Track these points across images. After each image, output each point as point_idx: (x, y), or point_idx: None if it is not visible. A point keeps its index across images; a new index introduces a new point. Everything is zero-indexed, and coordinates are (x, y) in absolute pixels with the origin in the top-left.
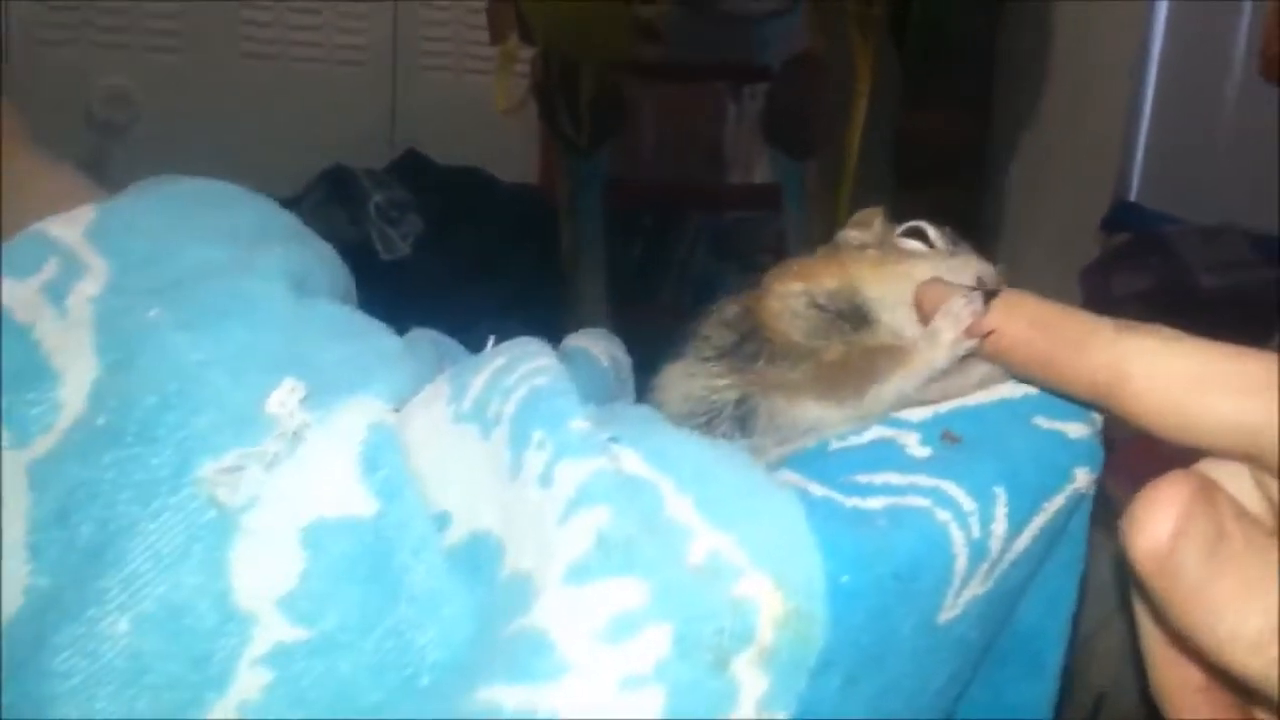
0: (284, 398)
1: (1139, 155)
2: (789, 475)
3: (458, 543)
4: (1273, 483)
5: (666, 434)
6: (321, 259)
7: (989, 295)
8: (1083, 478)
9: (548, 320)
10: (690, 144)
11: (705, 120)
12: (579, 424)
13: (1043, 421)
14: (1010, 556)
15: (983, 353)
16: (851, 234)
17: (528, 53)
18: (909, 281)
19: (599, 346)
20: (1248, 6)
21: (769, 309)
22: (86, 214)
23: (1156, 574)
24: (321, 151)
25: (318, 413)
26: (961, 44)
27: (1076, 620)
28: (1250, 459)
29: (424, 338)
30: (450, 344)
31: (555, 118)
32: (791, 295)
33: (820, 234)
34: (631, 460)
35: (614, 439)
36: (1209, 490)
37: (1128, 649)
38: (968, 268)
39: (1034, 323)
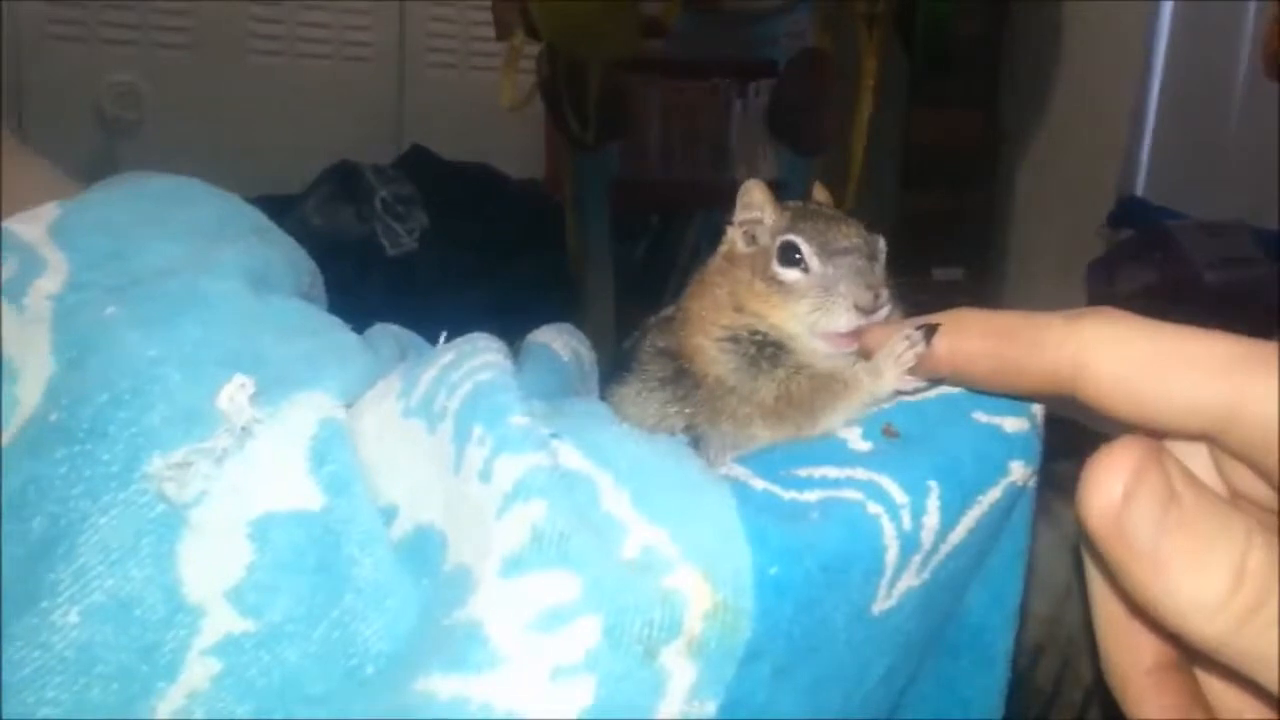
0: (234, 393)
1: (1145, 152)
2: (735, 468)
3: (404, 535)
4: (1231, 464)
5: (607, 430)
6: (284, 254)
7: (930, 330)
8: (1018, 471)
9: (554, 315)
10: (696, 140)
11: (710, 116)
12: (518, 420)
13: (981, 416)
14: (945, 549)
15: (944, 376)
16: (737, 238)
17: (534, 49)
18: (798, 311)
19: (560, 341)
20: (1252, 6)
21: (692, 347)
22: (51, 211)
23: (1110, 537)
24: (329, 147)
25: (268, 408)
26: (968, 43)
27: (1023, 611)
28: (1209, 439)
29: (386, 333)
30: (412, 338)
31: (561, 114)
32: (709, 337)
33: None
34: (571, 455)
35: (555, 435)
36: (1158, 453)
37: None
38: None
39: (985, 334)
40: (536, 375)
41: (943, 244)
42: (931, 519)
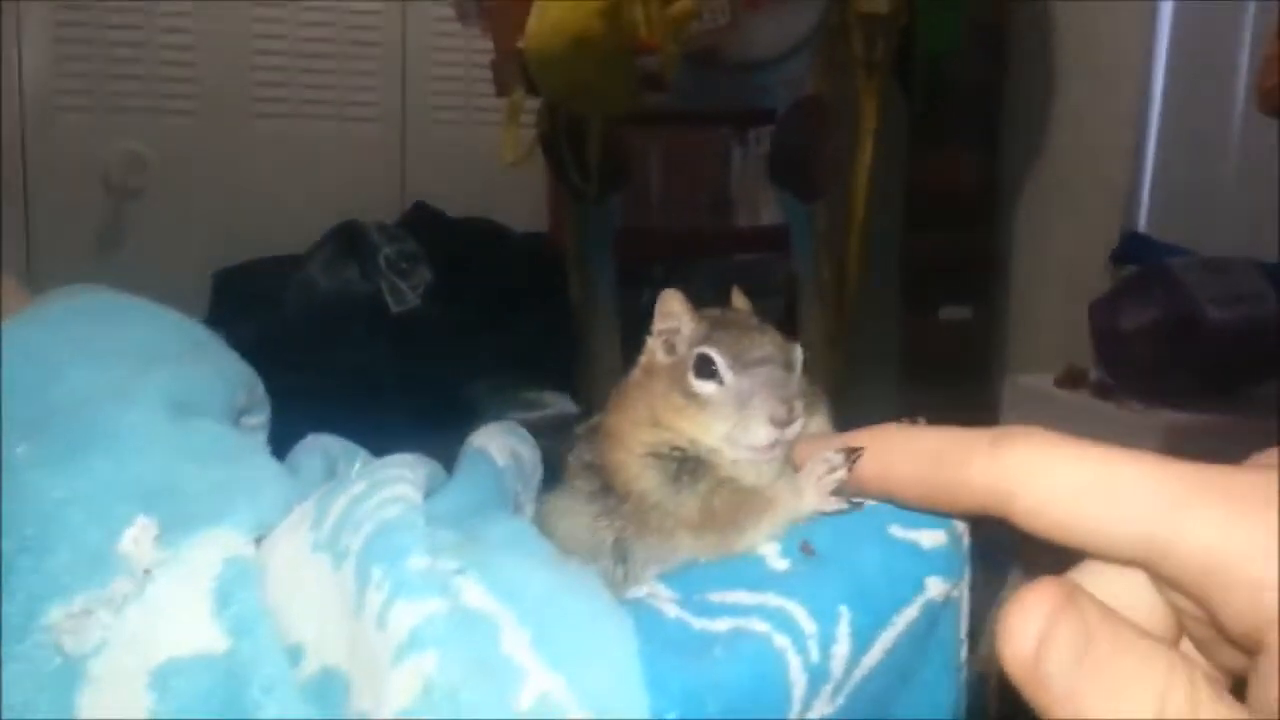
0: (137, 535)
1: (1145, 188)
2: (655, 588)
3: (310, 677)
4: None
5: (516, 562)
6: (216, 372)
7: (853, 454)
8: (937, 586)
9: (560, 367)
10: (697, 190)
11: (711, 166)
12: (418, 561)
13: (898, 531)
14: (859, 674)
15: (870, 495)
16: (656, 348)
17: (534, 103)
18: (714, 425)
19: (497, 444)
20: (1248, 42)
21: (615, 463)
22: None
23: (1029, 681)
24: (335, 207)
25: (171, 549)
26: (967, 83)
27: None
28: (1142, 566)
29: (315, 447)
30: (346, 449)
31: (562, 168)
32: (630, 453)
33: (830, 274)
34: (475, 593)
35: (460, 570)
36: (1074, 596)
37: None
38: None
39: (909, 458)
40: (464, 490)
41: (948, 285)
42: (841, 647)
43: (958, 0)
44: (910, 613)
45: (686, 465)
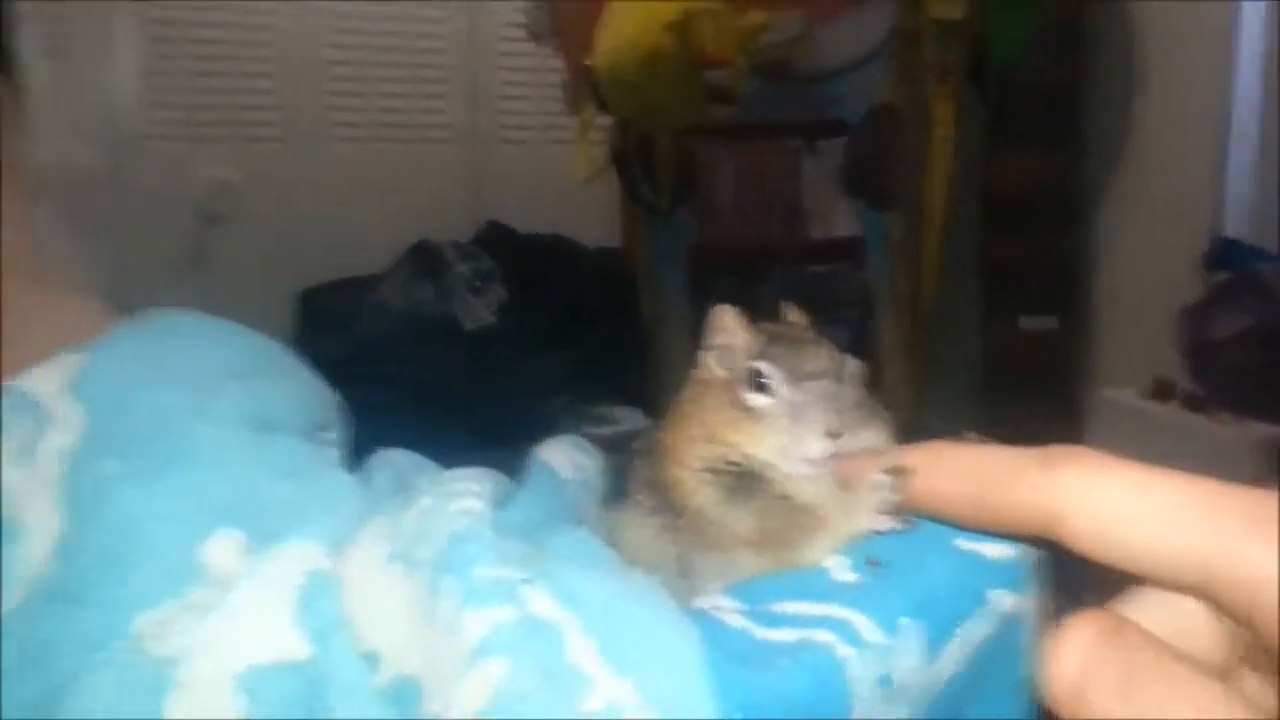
0: (220, 546)
1: (1233, 190)
2: (719, 600)
3: (386, 683)
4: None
5: (580, 572)
6: (294, 391)
7: (901, 473)
8: (1002, 600)
9: (631, 383)
10: (769, 202)
11: (782, 177)
12: (486, 571)
13: (963, 543)
14: (924, 685)
15: (921, 513)
16: (711, 364)
17: (605, 120)
18: (767, 439)
19: (562, 457)
20: None
21: (671, 479)
22: (72, 361)
23: (1070, 713)
24: (411, 227)
25: (253, 559)
26: (1043, 86)
27: None
28: (1198, 595)
29: (385, 462)
30: (417, 463)
31: (634, 184)
32: (686, 469)
33: (906, 284)
34: (542, 601)
35: (527, 580)
36: (1119, 627)
37: None
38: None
39: (957, 478)
40: (530, 502)
41: (1029, 293)
42: (905, 658)
43: (1026, 7)
44: (975, 625)
45: (742, 481)
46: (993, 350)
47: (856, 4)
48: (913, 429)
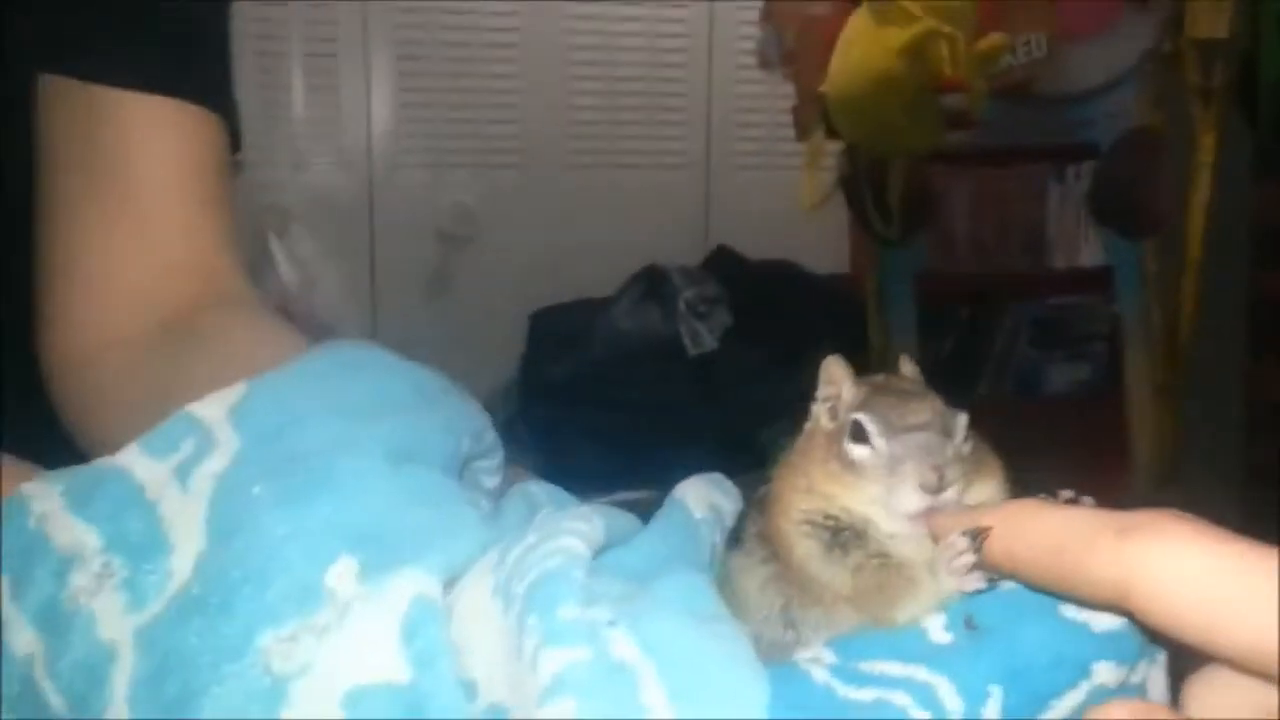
0: (341, 571)
1: None
2: (820, 651)
3: (481, 711)
4: None
5: (671, 617)
6: (443, 421)
7: (980, 535)
8: (1106, 673)
9: None
10: (1008, 230)
11: (1025, 204)
12: (569, 611)
13: (1069, 611)
14: None
15: (1003, 576)
16: (821, 414)
17: (834, 146)
18: (865, 490)
19: (696, 495)
20: None
21: (776, 530)
22: (237, 391)
23: None
24: (642, 251)
25: (370, 585)
26: None
27: None
28: (1268, 678)
29: (522, 495)
30: (554, 496)
31: (863, 211)
32: (789, 520)
33: (1161, 318)
34: (623, 645)
35: (612, 623)
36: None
37: None
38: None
39: (1032, 541)
40: (653, 541)
41: None
42: None
43: None
44: (1075, 698)
45: (841, 536)
46: (1259, 390)
47: (1109, 23)
48: (1168, 477)
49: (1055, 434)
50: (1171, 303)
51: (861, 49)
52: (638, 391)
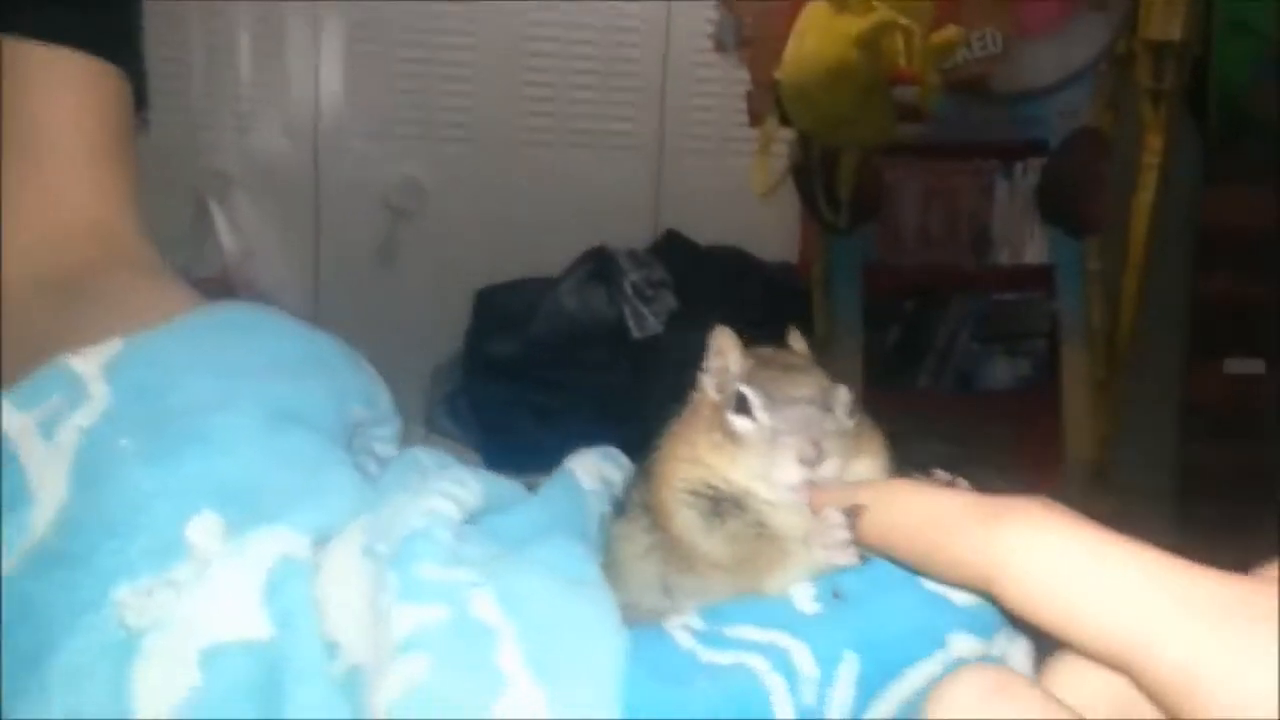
0: (204, 526)
1: None
2: (689, 620)
3: (342, 673)
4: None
5: (538, 581)
6: (329, 388)
7: (854, 512)
8: (963, 645)
9: None
10: (955, 224)
11: (972, 199)
12: (429, 570)
13: (931, 584)
14: None
15: (876, 553)
16: (709, 386)
17: (787, 134)
18: (746, 462)
19: (586, 466)
20: None
21: (658, 501)
22: (114, 346)
23: None
24: (592, 232)
25: (233, 542)
26: (1272, 117)
27: None
28: (1122, 671)
29: (406, 461)
30: (438, 464)
31: (813, 199)
32: (670, 490)
33: (1102, 317)
34: (485, 605)
35: (476, 584)
36: (1008, 686)
37: None
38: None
39: (903, 522)
40: (536, 508)
41: (1239, 334)
42: (841, 693)
43: (1254, 30)
44: (930, 668)
45: (720, 505)
46: (1194, 392)
47: (1063, 22)
48: (1101, 474)
49: (992, 428)
50: (1112, 302)
51: (817, 36)
52: (581, 371)
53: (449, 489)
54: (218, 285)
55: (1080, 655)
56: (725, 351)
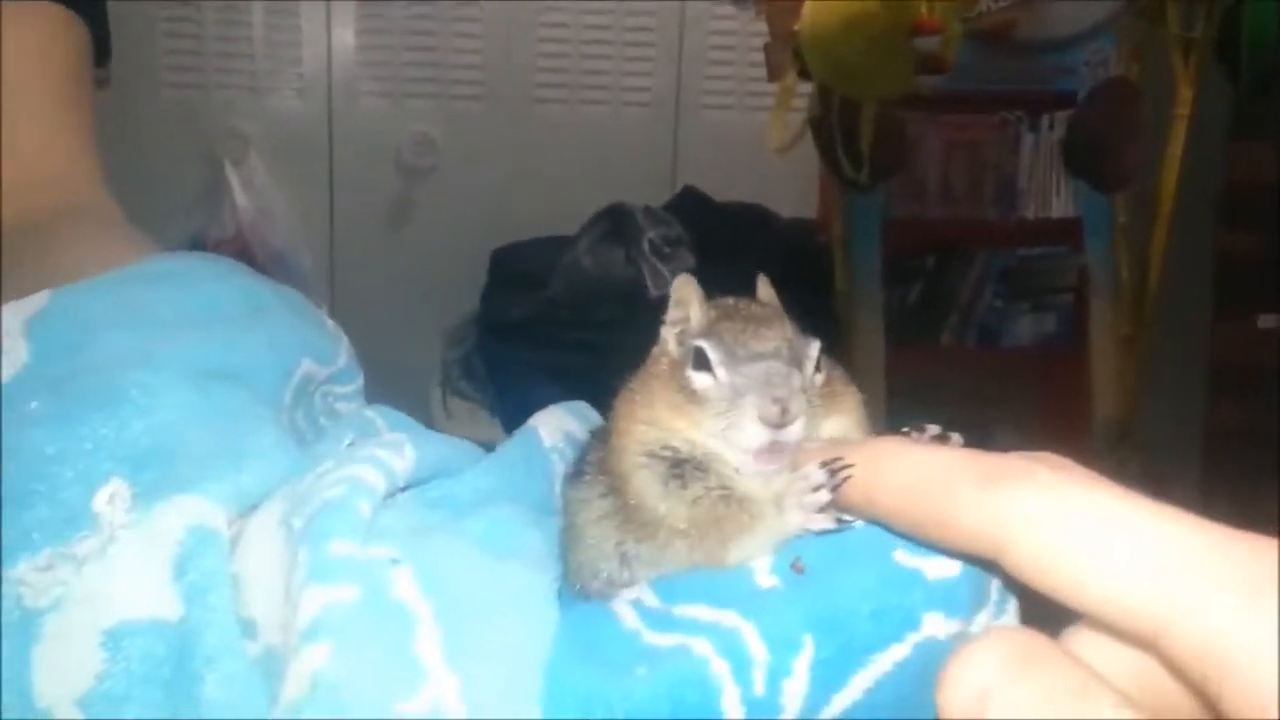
0: (111, 495)
1: None
2: (644, 594)
3: (259, 654)
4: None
5: (463, 559)
6: (269, 342)
7: (838, 471)
8: (938, 624)
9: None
10: (980, 177)
11: (998, 152)
12: (341, 546)
13: (903, 557)
14: (829, 714)
15: (858, 517)
16: (669, 339)
17: (806, 88)
18: (706, 423)
19: (551, 424)
20: None
21: (615, 462)
22: (38, 301)
23: None
24: (608, 190)
25: (140, 512)
26: None
27: None
28: (1148, 648)
29: (353, 421)
30: (392, 426)
31: (832, 154)
32: (628, 452)
33: (1130, 272)
34: (404, 585)
35: (396, 561)
36: (1033, 651)
37: None
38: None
39: (896, 482)
40: (489, 472)
41: (1267, 289)
42: (796, 681)
43: None
44: (899, 651)
45: (680, 468)
46: (1223, 348)
47: None
48: (1127, 432)
49: (1017, 385)
50: (1140, 256)
51: None
52: (597, 331)
53: (380, 455)
54: (233, 246)
55: (1098, 627)
56: (686, 302)
